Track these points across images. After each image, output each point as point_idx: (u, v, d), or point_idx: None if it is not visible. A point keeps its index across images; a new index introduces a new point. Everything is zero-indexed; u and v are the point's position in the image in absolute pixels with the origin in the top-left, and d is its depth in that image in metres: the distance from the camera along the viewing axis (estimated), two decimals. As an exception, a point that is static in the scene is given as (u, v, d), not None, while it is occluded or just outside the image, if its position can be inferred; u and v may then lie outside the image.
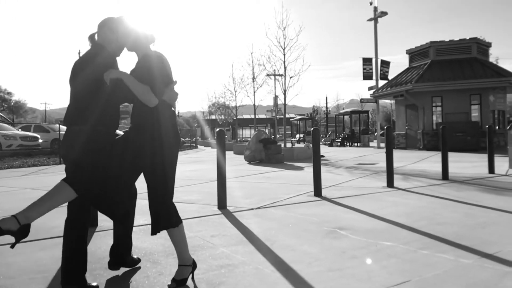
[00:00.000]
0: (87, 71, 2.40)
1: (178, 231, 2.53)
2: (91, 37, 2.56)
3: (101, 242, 3.57)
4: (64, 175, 2.46)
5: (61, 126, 17.02)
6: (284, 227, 4.02)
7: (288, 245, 3.36)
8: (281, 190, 6.48)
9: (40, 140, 18.32)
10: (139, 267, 2.88)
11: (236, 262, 2.95)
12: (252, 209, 4.95)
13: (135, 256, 2.91)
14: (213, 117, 39.45)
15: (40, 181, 8.86)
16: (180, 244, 2.55)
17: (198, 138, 41.57)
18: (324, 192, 5.99)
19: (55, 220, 4.54)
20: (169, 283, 2.51)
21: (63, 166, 14.85)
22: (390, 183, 6.57)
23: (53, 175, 10.27)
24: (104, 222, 4.26)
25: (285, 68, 15.64)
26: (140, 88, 2.38)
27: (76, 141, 2.38)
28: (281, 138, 28.72)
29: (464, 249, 3.13)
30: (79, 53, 53.32)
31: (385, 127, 6.76)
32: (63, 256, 2.39)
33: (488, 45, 20.24)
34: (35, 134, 18.46)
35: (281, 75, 17.03)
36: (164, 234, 3.70)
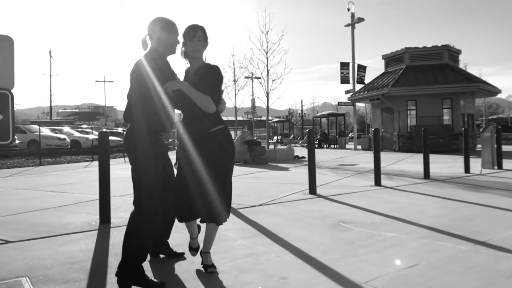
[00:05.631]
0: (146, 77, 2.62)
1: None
2: (144, 42, 2.76)
3: (121, 237, 3.72)
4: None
5: (41, 128, 16.72)
6: (291, 221, 4.29)
7: (300, 236, 3.63)
8: (275, 189, 6.75)
9: (17, 141, 17.90)
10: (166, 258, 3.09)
11: (257, 252, 3.19)
12: (254, 206, 5.19)
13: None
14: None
15: (30, 181, 8.78)
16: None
17: (175, 140, 41.32)
18: (317, 191, 6.30)
19: (65, 217, 4.65)
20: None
21: (45, 167, 14.57)
22: (377, 182, 6.96)
23: (38, 176, 10.17)
24: (117, 219, 4.40)
25: (267, 71, 15.97)
26: (200, 97, 2.65)
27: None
28: (257, 140, 29.09)
29: (458, 238, 3.49)
30: (49, 52, 51.92)
31: (373, 129, 7.15)
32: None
33: (458, 52, 21.27)
34: (11, 135, 18.00)
35: (259, 78, 17.33)
36: (179, 229, 3.91)
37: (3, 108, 3.06)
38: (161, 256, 3.11)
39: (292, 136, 44.22)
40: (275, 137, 37.04)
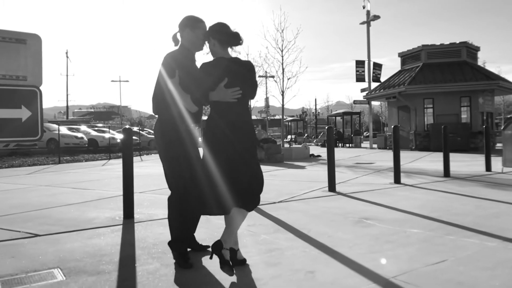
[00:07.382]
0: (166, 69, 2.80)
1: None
2: (174, 37, 2.93)
3: (146, 231, 3.78)
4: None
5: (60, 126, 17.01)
6: (312, 217, 4.29)
7: (323, 232, 3.63)
8: (294, 187, 6.75)
9: (37, 140, 18.24)
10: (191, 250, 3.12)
11: (282, 246, 3.20)
12: (274, 202, 5.20)
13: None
14: (205, 118, 39.52)
15: (51, 179, 8.96)
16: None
17: None
18: (336, 188, 6.27)
19: (89, 213, 4.74)
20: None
21: (64, 165, 14.87)
22: (397, 180, 6.90)
23: (58, 173, 10.36)
24: (139, 214, 4.47)
25: (283, 69, 15.94)
26: (181, 96, 2.73)
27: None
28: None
29: (485, 235, 3.44)
30: (66, 53, 52.86)
31: (393, 127, 7.09)
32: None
33: (477, 49, 20.89)
34: (30, 134, 18.37)
35: (272, 76, 17.31)
36: (203, 223, 3.95)
37: (32, 104, 3.14)
38: (188, 249, 3.14)
39: (306, 135, 44.09)
40: (288, 136, 36.97)
